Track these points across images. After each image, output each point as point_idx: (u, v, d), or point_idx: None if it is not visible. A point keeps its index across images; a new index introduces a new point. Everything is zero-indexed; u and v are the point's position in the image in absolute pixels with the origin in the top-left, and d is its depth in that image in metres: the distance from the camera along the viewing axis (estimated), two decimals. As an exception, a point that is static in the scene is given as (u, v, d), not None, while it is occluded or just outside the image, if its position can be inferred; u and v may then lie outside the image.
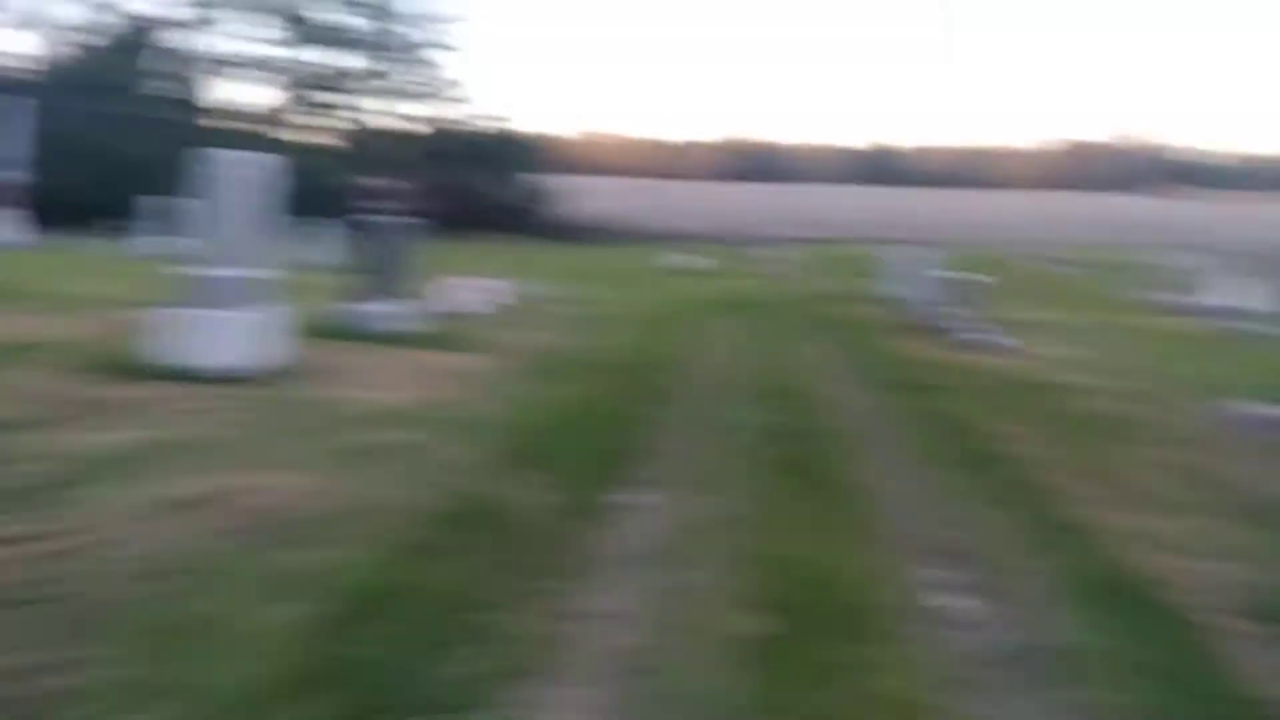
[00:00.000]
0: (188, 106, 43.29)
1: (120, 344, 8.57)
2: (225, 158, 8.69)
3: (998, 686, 3.74)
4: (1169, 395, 9.57)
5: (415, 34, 43.92)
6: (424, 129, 43.71)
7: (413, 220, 12.73)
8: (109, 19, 45.38)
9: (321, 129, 43.10)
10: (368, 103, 43.47)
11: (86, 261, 21.77)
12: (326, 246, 23.33)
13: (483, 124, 43.96)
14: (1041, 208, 68.10)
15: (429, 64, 44.14)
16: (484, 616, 4.12)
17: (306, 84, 42.56)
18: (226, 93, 43.99)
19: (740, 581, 4.61)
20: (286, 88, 42.39)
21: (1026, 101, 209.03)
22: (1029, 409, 8.87)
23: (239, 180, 8.64)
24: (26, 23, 45.97)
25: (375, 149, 39.27)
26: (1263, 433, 7.95)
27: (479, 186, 40.95)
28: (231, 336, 8.34)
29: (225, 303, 8.45)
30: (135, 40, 46.15)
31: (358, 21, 42.62)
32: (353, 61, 43.26)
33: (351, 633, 3.88)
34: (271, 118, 41.26)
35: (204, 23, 44.45)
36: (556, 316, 14.94)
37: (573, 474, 6.23)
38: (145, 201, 30.11)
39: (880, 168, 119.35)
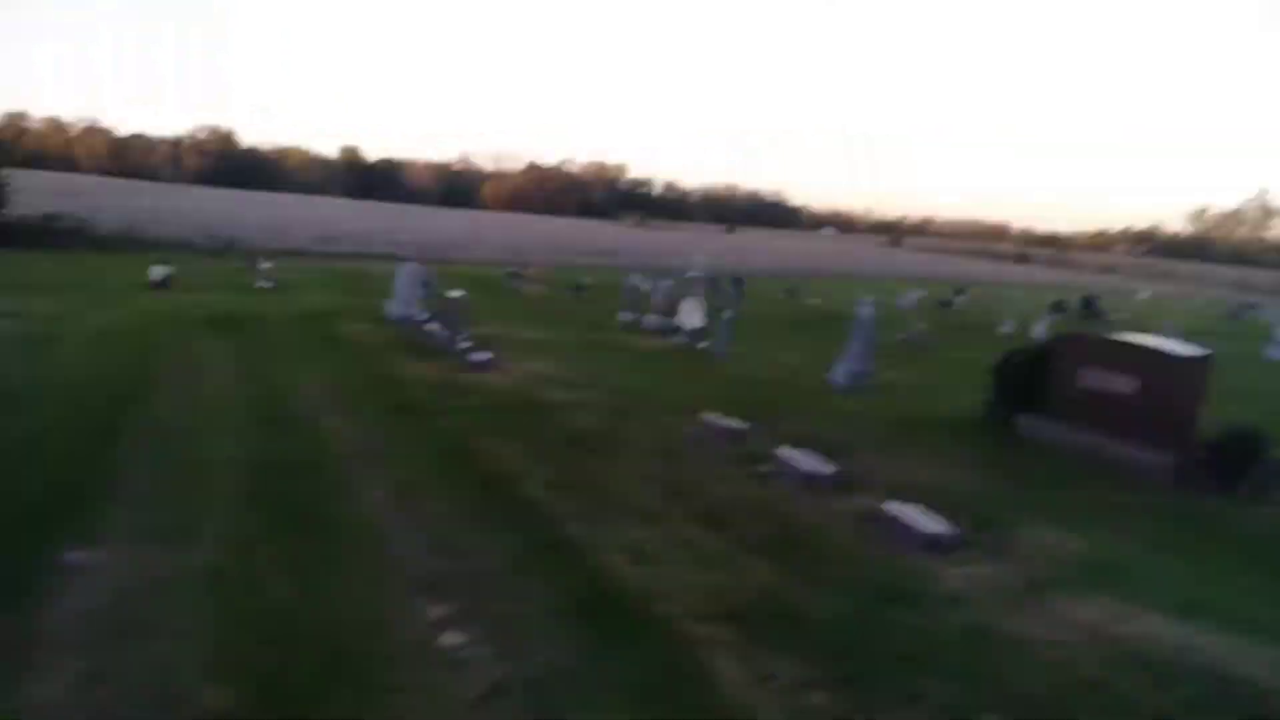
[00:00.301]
0: None
1: None
2: None
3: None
4: (643, 410, 10.39)
5: None
6: None
7: None
8: None
9: None
10: None
11: None
12: None
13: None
14: (518, 228, 72.08)
15: None
16: None
17: None
18: None
19: (212, 648, 4.05)
20: None
21: (501, 126, 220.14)
22: (520, 427, 9.10)
23: None
24: None
25: None
26: (722, 443, 8.92)
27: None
28: None
29: None
30: None
31: None
32: None
33: None
34: None
35: None
36: (-10, 335, 12.56)
37: (-1, 534, 5.14)
38: None
39: (364, 180, 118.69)
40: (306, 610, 4.48)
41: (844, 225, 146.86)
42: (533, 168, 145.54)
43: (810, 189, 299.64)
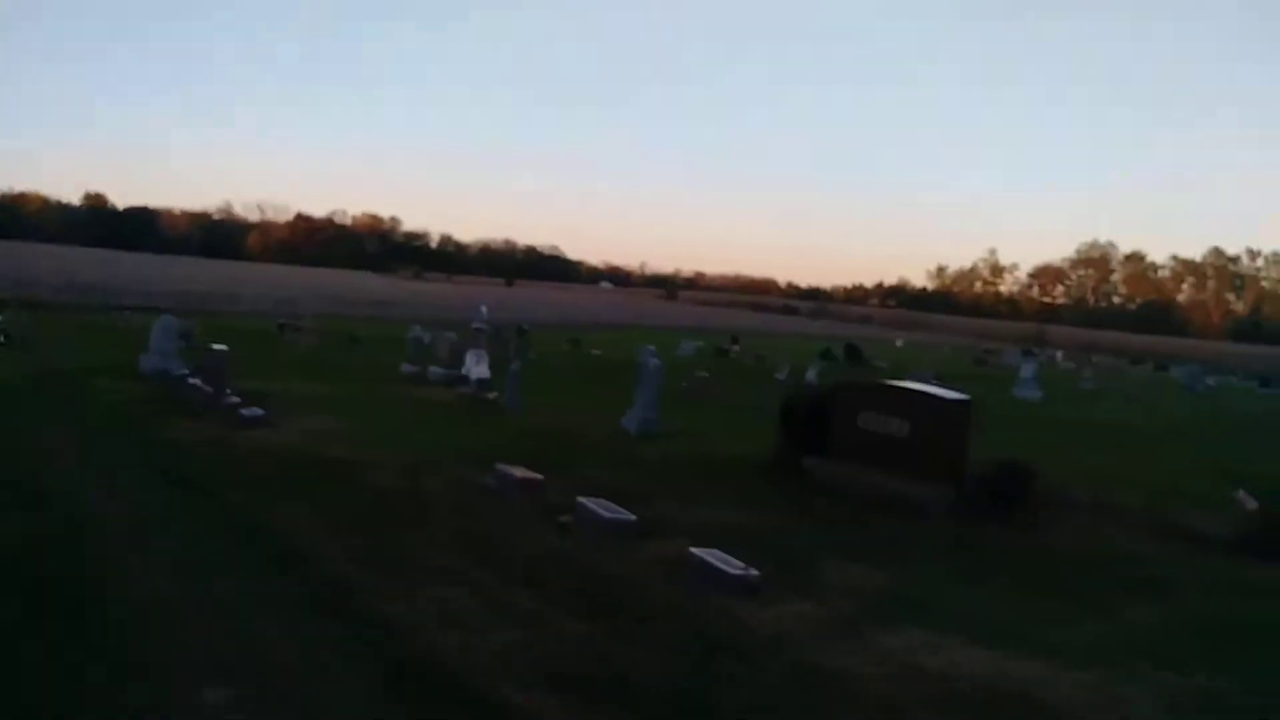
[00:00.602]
0: None
1: None
2: None
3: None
4: (435, 464, 9.92)
5: None
6: None
7: None
8: None
9: None
10: None
11: None
12: None
13: None
14: (288, 279, 69.08)
15: None
16: None
17: None
18: None
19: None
20: None
21: (266, 176, 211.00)
22: (304, 488, 8.42)
23: None
24: None
25: None
26: (521, 495, 8.61)
27: None
28: None
29: None
30: None
31: None
32: None
33: None
34: None
35: None
36: None
37: None
38: None
39: (112, 228, 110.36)
40: (35, 704, 3.83)
41: (620, 279, 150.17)
42: (301, 218, 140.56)
43: (586, 244, 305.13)
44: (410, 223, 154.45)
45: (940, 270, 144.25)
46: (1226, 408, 29.86)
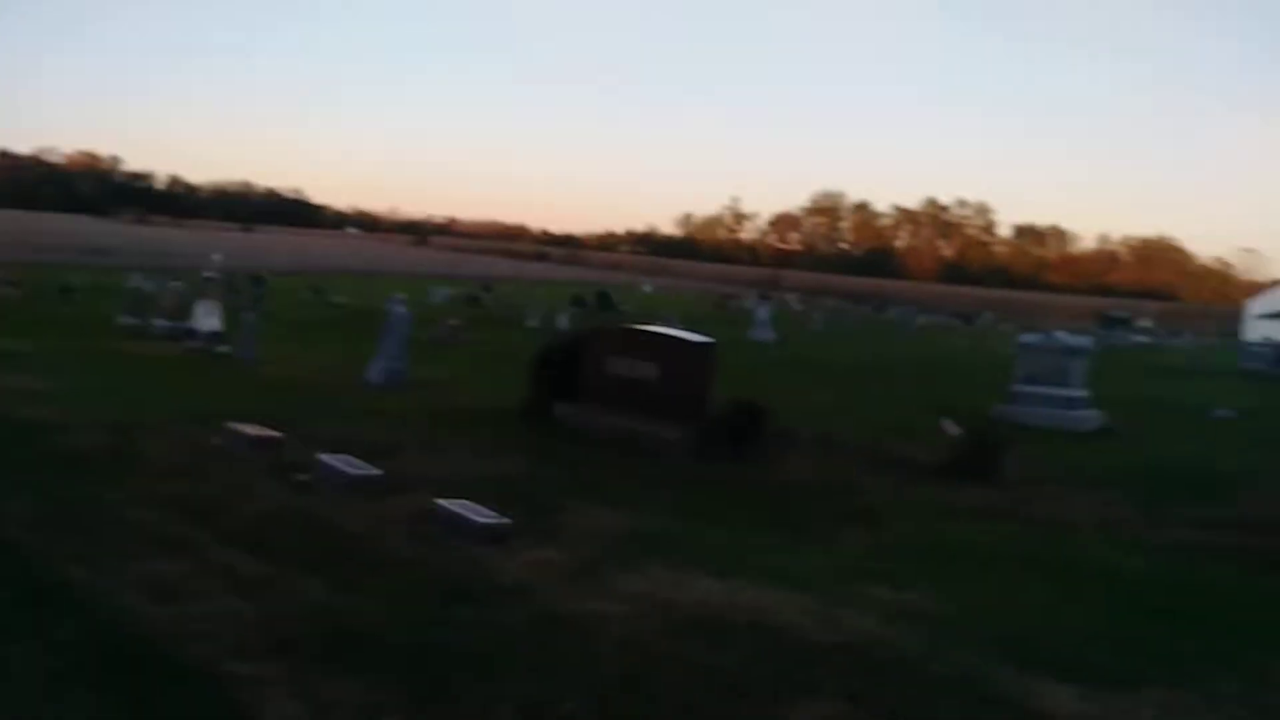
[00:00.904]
0: None
1: None
2: None
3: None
4: (156, 424, 9.14)
5: None
6: None
7: None
8: None
9: None
10: None
11: None
12: None
13: None
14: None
15: None
16: None
17: None
18: None
19: None
20: None
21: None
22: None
23: None
24: None
25: None
26: (254, 454, 8.10)
27: None
28: None
29: None
30: None
31: None
32: None
33: None
34: None
35: None
36: None
37: None
38: None
39: None
40: None
41: (369, 224, 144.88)
42: (2, 155, 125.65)
43: (332, 187, 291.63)
44: (134, 162, 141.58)
45: (687, 218, 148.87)
46: (935, 344, 32.78)
